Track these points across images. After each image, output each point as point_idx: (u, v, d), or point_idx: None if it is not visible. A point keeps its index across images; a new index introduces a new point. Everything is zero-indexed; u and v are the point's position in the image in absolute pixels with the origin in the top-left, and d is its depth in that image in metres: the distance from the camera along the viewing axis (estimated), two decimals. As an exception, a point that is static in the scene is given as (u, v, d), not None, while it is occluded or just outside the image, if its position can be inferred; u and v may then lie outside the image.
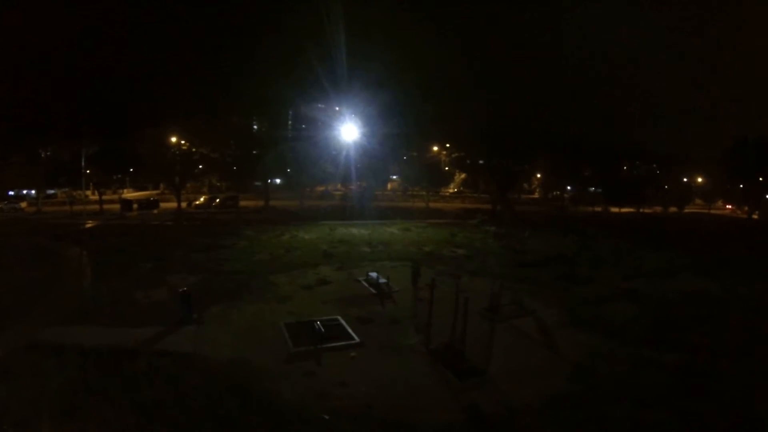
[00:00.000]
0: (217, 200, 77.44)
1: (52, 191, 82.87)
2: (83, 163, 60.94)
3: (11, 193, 78.75)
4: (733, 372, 16.23)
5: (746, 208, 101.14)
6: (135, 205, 69.73)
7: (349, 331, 19.23)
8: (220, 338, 17.91)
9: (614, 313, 22.17)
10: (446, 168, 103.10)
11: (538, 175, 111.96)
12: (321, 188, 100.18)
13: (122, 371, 14.90)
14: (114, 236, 41.50)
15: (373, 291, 25.37)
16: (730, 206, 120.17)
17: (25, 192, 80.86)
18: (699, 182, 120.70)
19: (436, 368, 16.20)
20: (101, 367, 15.14)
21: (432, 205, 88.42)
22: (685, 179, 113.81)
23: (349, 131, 62.43)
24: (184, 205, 71.27)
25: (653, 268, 33.32)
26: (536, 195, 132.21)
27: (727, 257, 39.81)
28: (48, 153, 68.50)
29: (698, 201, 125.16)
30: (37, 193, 73.98)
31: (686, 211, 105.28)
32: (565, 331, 20.01)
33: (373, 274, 27.15)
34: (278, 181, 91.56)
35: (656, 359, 16.76)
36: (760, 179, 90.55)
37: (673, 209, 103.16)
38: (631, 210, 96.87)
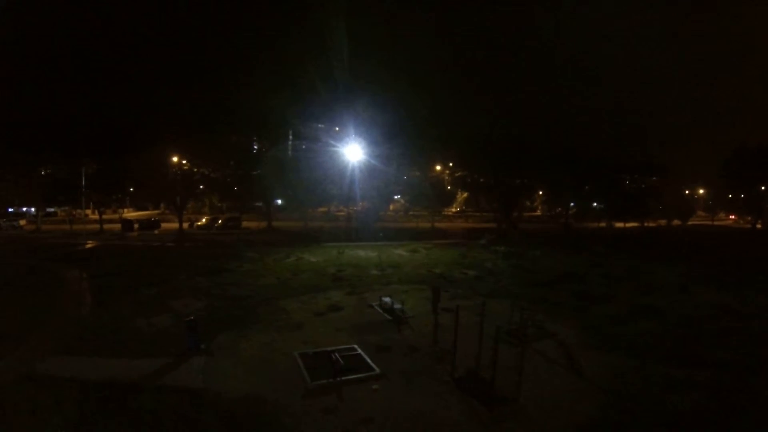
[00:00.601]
0: (219, 221, 76.47)
1: (51, 209, 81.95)
2: (83, 182, 60.02)
3: (11, 210, 77.80)
4: (765, 388, 15.87)
5: (749, 218, 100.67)
6: (136, 225, 68.72)
7: (368, 361, 18.02)
8: (230, 371, 16.66)
9: (636, 332, 21.56)
10: (449, 187, 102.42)
11: (540, 192, 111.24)
12: (323, 209, 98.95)
13: (125, 408, 13.76)
14: (115, 258, 40.27)
15: (388, 317, 24.13)
16: (733, 217, 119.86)
17: (24, 209, 79.88)
18: (701, 194, 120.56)
19: (463, 399, 15.15)
20: (103, 403, 14.03)
21: (436, 225, 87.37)
22: (686, 191, 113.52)
23: (353, 151, 61.54)
24: (185, 225, 70.31)
25: (666, 284, 32.85)
26: (538, 212, 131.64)
27: (738, 269, 39.67)
28: (48, 171, 67.51)
29: (700, 213, 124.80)
30: (36, 211, 72.84)
31: (690, 223, 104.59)
32: (590, 353, 19.15)
33: (387, 299, 25.95)
34: (279, 201, 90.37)
35: (686, 379, 16.24)
36: (762, 188, 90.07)
37: (676, 222, 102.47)
38: (635, 224, 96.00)
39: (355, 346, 19.49)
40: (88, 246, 48.78)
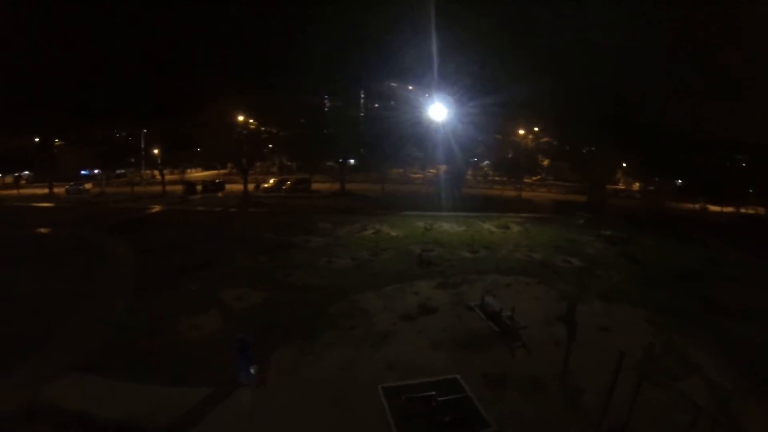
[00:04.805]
0: (288, 183, 72.31)
1: (121, 171, 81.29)
2: (143, 144, 57.92)
3: (85, 172, 77.36)
4: None
5: None
6: (199, 187, 65.87)
7: (480, 409, 12.71)
8: (289, 415, 11.90)
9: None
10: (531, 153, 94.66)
11: (623, 164, 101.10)
12: (397, 171, 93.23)
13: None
14: (170, 228, 36.68)
15: (494, 326, 18.56)
16: None
17: (96, 171, 79.21)
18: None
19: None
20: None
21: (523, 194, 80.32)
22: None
23: (437, 111, 55.48)
24: (251, 187, 66.60)
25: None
26: (621, 185, 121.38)
27: None
28: (114, 133, 66.11)
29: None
30: (103, 173, 71.71)
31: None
32: (749, 403, 14.11)
33: (490, 300, 20.41)
34: (352, 161, 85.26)
35: None
36: None
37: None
38: (731, 209, 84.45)
39: (458, 377, 14.31)
40: (147, 212, 45.70)
